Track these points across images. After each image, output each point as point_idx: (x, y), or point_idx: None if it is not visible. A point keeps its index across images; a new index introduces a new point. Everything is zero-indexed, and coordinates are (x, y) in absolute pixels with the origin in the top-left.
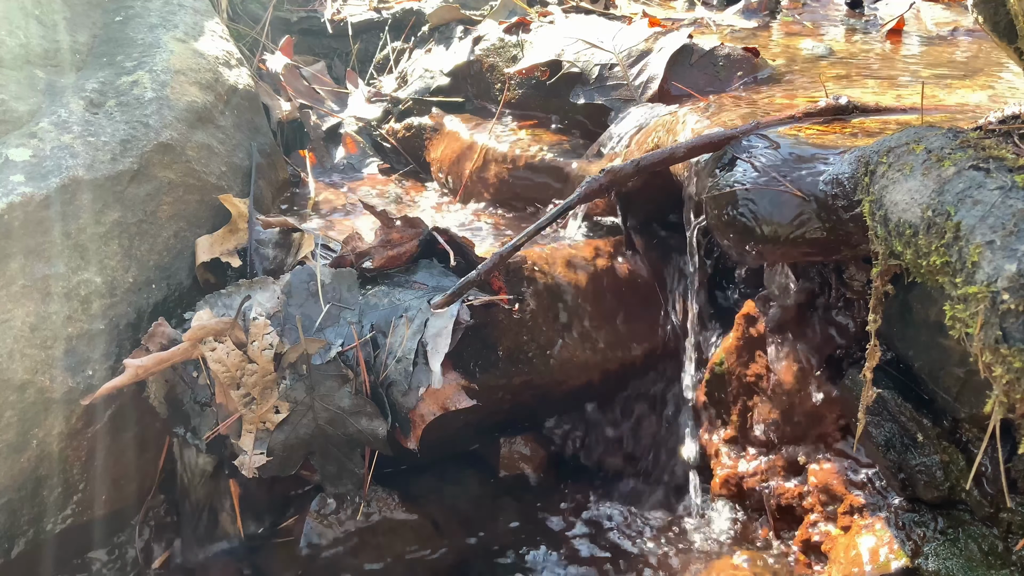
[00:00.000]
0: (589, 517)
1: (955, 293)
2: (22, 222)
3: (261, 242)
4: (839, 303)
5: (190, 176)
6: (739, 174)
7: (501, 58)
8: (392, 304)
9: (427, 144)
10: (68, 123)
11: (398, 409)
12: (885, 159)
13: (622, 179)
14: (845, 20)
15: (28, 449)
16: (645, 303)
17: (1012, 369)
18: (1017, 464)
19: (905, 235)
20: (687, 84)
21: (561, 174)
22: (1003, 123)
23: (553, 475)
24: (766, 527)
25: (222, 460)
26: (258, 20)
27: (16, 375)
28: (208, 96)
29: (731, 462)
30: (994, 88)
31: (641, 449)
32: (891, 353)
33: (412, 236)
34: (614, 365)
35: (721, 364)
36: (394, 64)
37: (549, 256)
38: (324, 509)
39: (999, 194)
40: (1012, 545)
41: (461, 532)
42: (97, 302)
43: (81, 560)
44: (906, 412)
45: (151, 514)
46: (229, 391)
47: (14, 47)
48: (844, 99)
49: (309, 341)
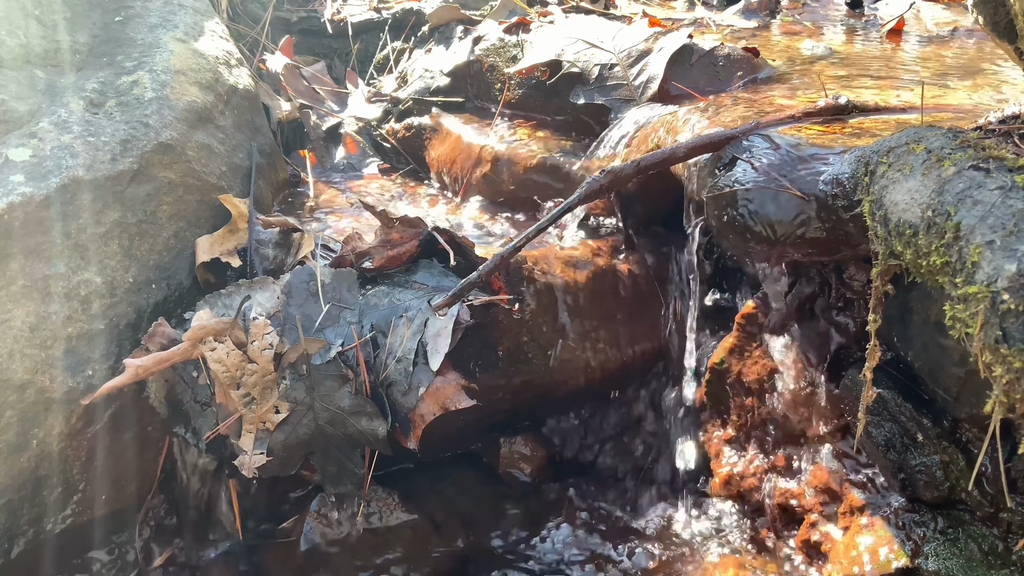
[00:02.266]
0: (589, 517)
1: (955, 293)
2: (22, 222)
3: (261, 242)
4: (839, 303)
5: (190, 176)
6: (739, 174)
7: (501, 58)
8: (392, 304)
9: (427, 144)
10: (68, 123)
11: (398, 409)
12: (885, 159)
13: (623, 179)
14: (845, 20)
15: (28, 449)
16: (645, 303)
17: (1012, 369)
18: (1017, 464)
19: (905, 235)
20: (687, 84)
21: (561, 174)
22: (1003, 123)
23: (553, 475)
24: (766, 527)
25: (222, 460)
26: (258, 20)
27: (16, 375)
28: (208, 96)
29: (731, 462)
30: (994, 88)
31: (641, 449)
32: (891, 353)
33: (412, 236)
34: (614, 365)
35: (721, 364)
36: (394, 64)
37: (549, 256)
38: (324, 509)
39: (999, 194)
40: (1012, 545)
41: (461, 532)
42: (97, 302)
43: (81, 560)
44: (906, 412)
45: (151, 514)
46: (229, 391)
47: (14, 47)
48: (844, 99)
49: (309, 341)
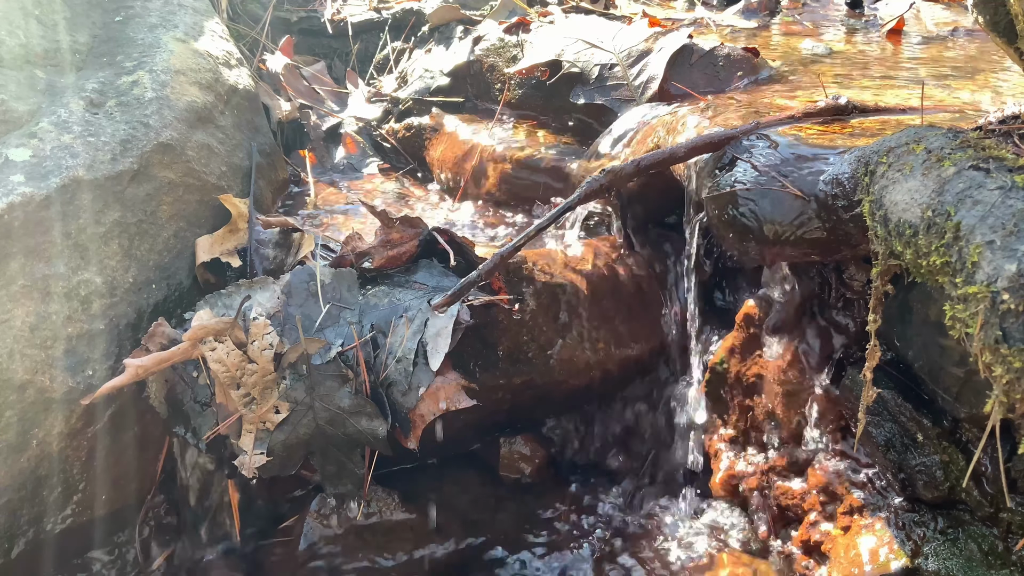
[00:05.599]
0: (588, 517)
1: (955, 293)
2: (22, 222)
3: (261, 242)
4: (839, 303)
5: (190, 176)
6: (739, 174)
7: (501, 58)
8: (392, 304)
9: (427, 144)
10: (68, 123)
11: (398, 409)
12: (885, 159)
13: (622, 179)
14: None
15: (28, 449)
16: (645, 303)
17: (1012, 369)
18: (1017, 464)
19: (905, 235)
20: (687, 84)
21: (561, 174)
22: (1003, 123)
23: (553, 475)
24: (766, 527)
25: (222, 460)
26: (258, 20)
27: (16, 375)
28: (208, 96)
29: (731, 462)
30: (994, 88)
31: (641, 449)
32: (891, 353)
33: (412, 236)
34: (614, 365)
35: (721, 364)
36: (394, 64)
37: (549, 256)
38: (324, 509)
39: (999, 194)
40: (1012, 545)
41: (461, 532)
42: (97, 302)
43: (81, 560)
44: (906, 412)
45: (151, 514)
46: (229, 391)
47: (14, 47)
48: (844, 99)
49: (309, 341)
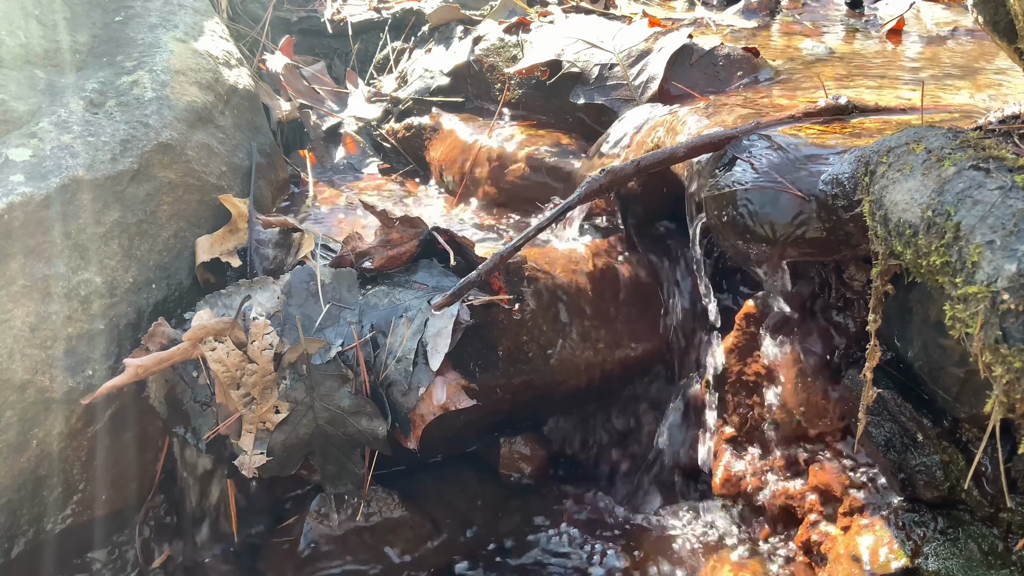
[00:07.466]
0: (588, 517)
1: (955, 293)
2: (22, 222)
3: (261, 242)
4: (839, 303)
5: (190, 176)
6: (739, 174)
7: (501, 58)
8: (392, 304)
9: (427, 144)
10: (68, 123)
11: (398, 409)
12: (885, 159)
13: (623, 179)
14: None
15: (28, 449)
16: (645, 303)
17: (1012, 369)
18: (1017, 464)
19: (905, 235)
20: (687, 84)
21: (561, 174)
22: (1003, 123)
23: (553, 475)
24: (766, 527)
25: (222, 460)
26: (258, 20)
27: (16, 375)
28: (208, 96)
29: (731, 462)
30: (994, 88)
31: (641, 449)
32: (891, 353)
33: (412, 236)
34: (614, 365)
35: (721, 364)
36: (394, 64)
37: (549, 256)
38: (324, 509)
39: (999, 194)
40: (1012, 545)
41: (460, 532)
42: (97, 302)
43: (81, 560)
44: (906, 412)
45: (151, 514)
46: (229, 391)
47: (14, 47)
48: (844, 99)
49: (309, 341)
